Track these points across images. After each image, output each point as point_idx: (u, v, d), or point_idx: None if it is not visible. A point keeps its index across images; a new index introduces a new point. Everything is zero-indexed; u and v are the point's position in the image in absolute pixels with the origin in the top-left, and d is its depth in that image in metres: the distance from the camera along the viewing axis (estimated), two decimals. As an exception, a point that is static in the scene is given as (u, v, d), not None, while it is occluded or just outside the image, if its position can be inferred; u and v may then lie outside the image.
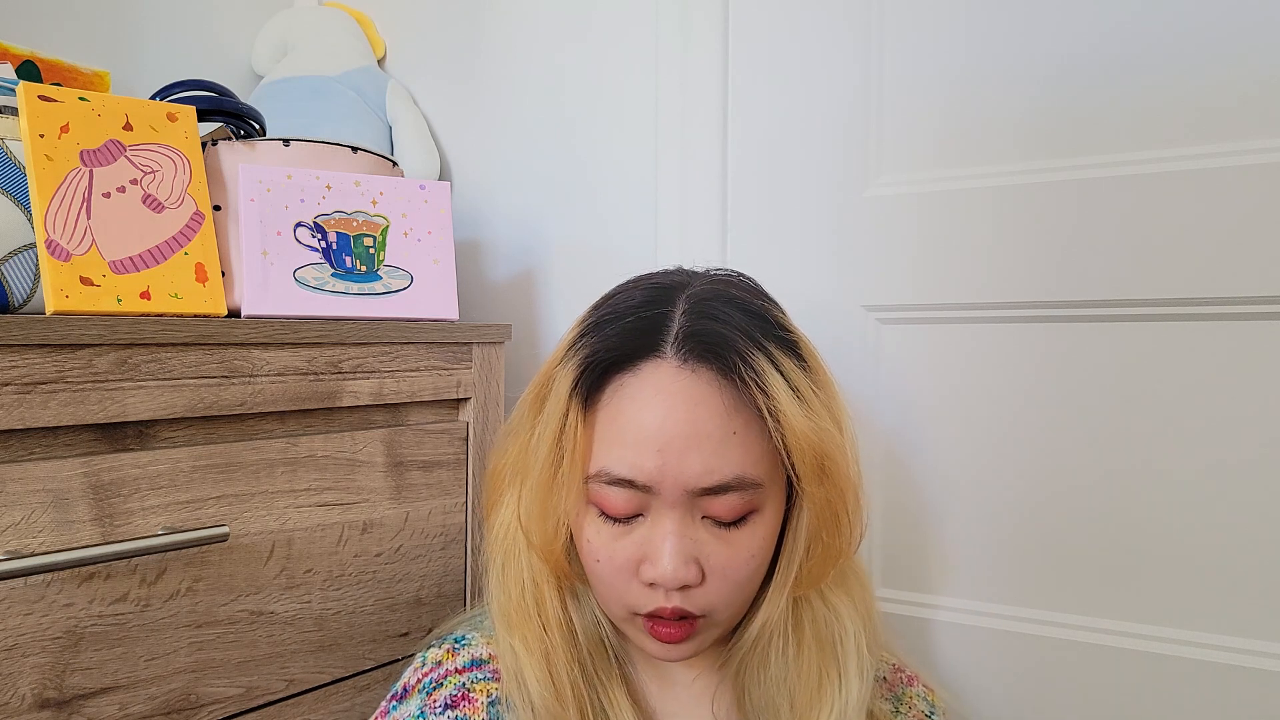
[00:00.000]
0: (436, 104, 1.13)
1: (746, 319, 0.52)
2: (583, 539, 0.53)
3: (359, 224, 0.76)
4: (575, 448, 0.51)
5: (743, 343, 0.50)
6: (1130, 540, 0.73)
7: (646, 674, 0.59)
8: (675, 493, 0.50)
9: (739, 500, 0.50)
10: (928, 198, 0.80)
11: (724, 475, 0.49)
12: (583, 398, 0.52)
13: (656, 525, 0.51)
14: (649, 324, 0.52)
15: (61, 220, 0.61)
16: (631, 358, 0.51)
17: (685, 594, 0.51)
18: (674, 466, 0.49)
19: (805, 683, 0.54)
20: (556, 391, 0.53)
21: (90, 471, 0.57)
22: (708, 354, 0.50)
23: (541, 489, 0.53)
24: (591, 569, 0.54)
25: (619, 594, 0.52)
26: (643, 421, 0.50)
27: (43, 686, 0.55)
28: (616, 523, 0.52)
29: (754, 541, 0.52)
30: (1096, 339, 0.74)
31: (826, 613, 0.56)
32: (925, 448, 0.81)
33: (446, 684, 0.56)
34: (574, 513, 0.53)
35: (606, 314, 0.55)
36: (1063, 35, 0.75)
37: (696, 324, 0.51)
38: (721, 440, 0.49)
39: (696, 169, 0.92)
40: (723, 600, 0.52)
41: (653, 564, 0.50)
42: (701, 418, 0.49)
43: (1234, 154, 0.68)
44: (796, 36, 0.87)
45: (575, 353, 0.53)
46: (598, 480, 0.51)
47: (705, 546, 0.51)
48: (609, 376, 0.52)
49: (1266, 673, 0.68)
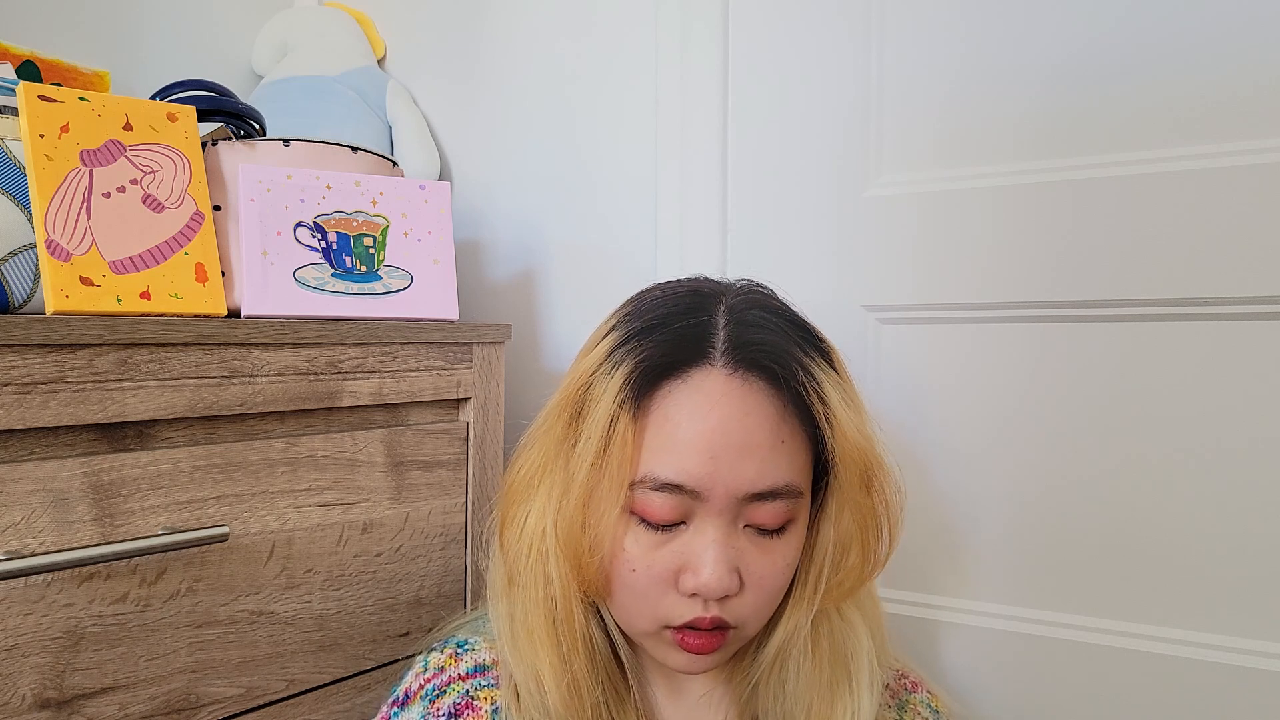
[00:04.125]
0: (436, 104, 1.13)
1: (792, 329, 0.53)
2: (619, 549, 0.52)
3: (359, 224, 0.76)
4: (625, 455, 0.50)
5: (796, 352, 0.51)
6: (1130, 540, 0.73)
7: (658, 687, 0.59)
8: (724, 499, 0.50)
9: (784, 508, 0.51)
10: (927, 198, 0.80)
11: (774, 481, 0.50)
12: (633, 405, 0.51)
13: (700, 533, 0.50)
14: (696, 331, 0.52)
15: (61, 220, 0.61)
16: (680, 365, 0.51)
17: (723, 604, 0.51)
18: (726, 472, 0.49)
19: (820, 696, 0.54)
20: (600, 400, 0.51)
21: (90, 471, 0.57)
22: (759, 363, 0.50)
23: (584, 499, 0.52)
24: (624, 580, 0.52)
25: (652, 605, 0.52)
26: (694, 428, 0.49)
27: (43, 686, 0.55)
28: (657, 531, 0.51)
29: (790, 551, 0.52)
30: (1097, 338, 0.74)
31: (843, 626, 0.56)
32: (925, 447, 0.81)
33: (450, 691, 0.56)
34: (614, 522, 0.52)
35: (650, 320, 0.53)
36: (1062, 35, 0.75)
37: (746, 333, 0.51)
38: (771, 448, 0.50)
39: (696, 169, 0.92)
40: (755, 611, 0.52)
41: (695, 573, 0.50)
42: (753, 426, 0.50)
43: (1233, 154, 0.68)
44: (796, 36, 0.87)
45: (619, 360, 0.52)
46: (643, 486, 0.50)
47: (746, 555, 0.51)
48: (658, 384, 0.51)
49: (1267, 673, 0.68)
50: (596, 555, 0.52)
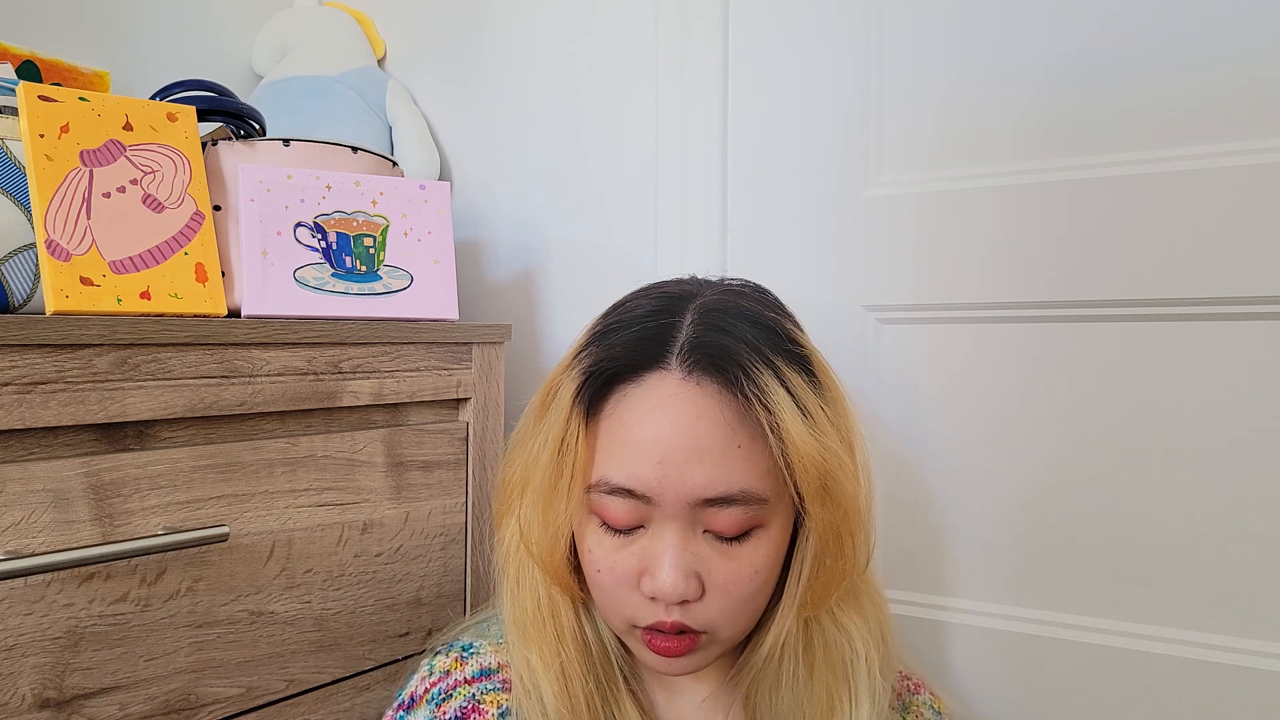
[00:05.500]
0: (436, 104, 1.13)
1: (755, 331, 0.51)
2: (585, 549, 0.53)
3: (359, 224, 0.76)
4: (577, 458, 0.51)
5: (748, 356, 0.49)
6: (1129, 539, 0.73)
7: (655, 689, 0.59)
8: (676, 504, 0.49)
9: (742, 514, 0.50)
10: (927, 198, 0.80)
11: (726, 488, 0.49)
12: (585, 408, 0.51)
13: (657, 538, 0.50)
14: (655, 334, 0.51)
15: (61, 220, 0.61)
16: (636, 368, 0.51)
17: (685, 609, 0.50)
18: (674, 478, 0.49)
19: (816, 705, 0.54)
20: (559, 400, 0.52)
21: (90, 471, 0.57)
22: (712, 367, 0.49)
23: (542, 498, 0.52)
24: (593, 580, 0.53)
25: (619, 606, 0.52)
26: (643, 432, 0.49)
27: (43, 686, 0.55)
28: (618, 534, 0.51)
29: (756, 558, 0.51)
30: (1096, 338, 0.74)
31: (837, 634, 0.55)
32: (924, 447, 0.81)
33: (456, 695, 0.56)
34: (576, 523, 0.53)
35: (614, 323, 0.54)
36: (1061, 35, 0.75)
37: (703, 336, 0.50)
38: (724, 453, 0.49)
39: (696, 169, 0.92)
40: (725, 617, 0.51)
41: (652, 577, 0.50)
42: (703, 431, 0.49)
43: (1231, 154, 0.68)
44: (796, 37, 0.87)
45: (580, 361, 0.53)
46: (598, 490, 0.51)
47: (706, 561, 0.50)
48: (613, 387, 0.51)
49: (1267, 673, 0.68)
50: (556, 555, 0.53)
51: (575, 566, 0.55)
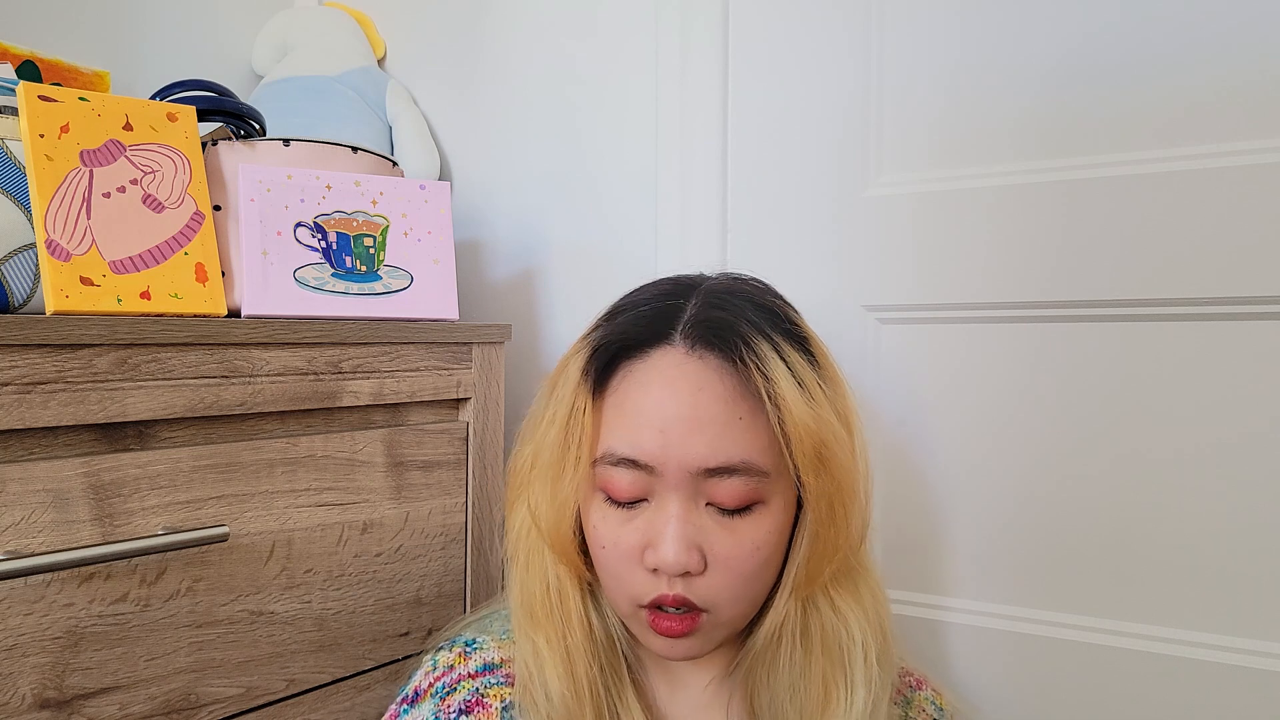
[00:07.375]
0: (436, 104, 1.13)
1: (756, 311, 0.53)
2: (590, 526, 0.54)
3: (359, 224, 0.76)
4: (584, 431, 0.52)
5: (747, 328, 0.51)
6: (1129, 539, 0.73)
7: (658, 678, 0.59)
8: (678, 474, 0.50)
9: (743, 486, 0.51)
10: (927, 198, 0.80)
11: (728, 457, 0.50)
12: (592, 381, 0.53)
13: (660, 509, 0.51)
14: (662, 313, 0.53)
15: (61, 220, 0.61)
16: (641, 344, 0.53)
17: (687, 582, 0.51)
18: (677, 447, 0.50)
19: (812, 691, 0.54)
20: (567, 375, 0.54)
21: (90, 471, 0.57)
22: (714, 339, 0.51)
23: (551, 472, 0.54)
24: (598, 557, 0.54)
25: (624, 583, 0.53)
26: (647, 403, 0.51)
27: (43, 686, 0.55)
28: (622, 507, 0.52)
29: (758, 533, 0.52)
30: (1096, 338, 0.74)
31: (835, 620, 0.56)
32: (924, 447, 0.81)
33: (460, 689, 0.56)
34: (582, 499, 0.54)
35: (624, 304, 0.56)
36: (1060, 36, 0.75)
37: (706, 313, 0.53)
38: (726, 424, 0.50)
39: (696, 169, 0.92)
40: (727, 594, 0.52)
41: (655, 549, 0.51)
42: (705, 401, 0.50)
43: (1230, 154, 0.68)
44: (796, 36, 0.87)
45: (589, 339, 0.55)
46: (604, 462, 0.52)
47: (709, 534, 0.51)
48: (619, 362, 0.53)
49: (1267, 673, 0.68)
50: (563, 529, 0.54)
51: (582, 548, 0.56)
